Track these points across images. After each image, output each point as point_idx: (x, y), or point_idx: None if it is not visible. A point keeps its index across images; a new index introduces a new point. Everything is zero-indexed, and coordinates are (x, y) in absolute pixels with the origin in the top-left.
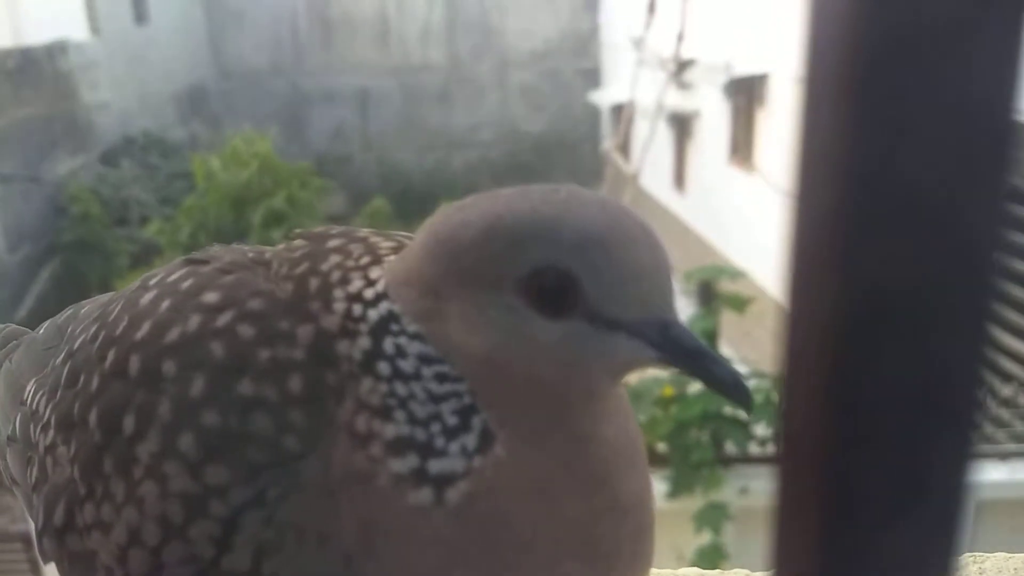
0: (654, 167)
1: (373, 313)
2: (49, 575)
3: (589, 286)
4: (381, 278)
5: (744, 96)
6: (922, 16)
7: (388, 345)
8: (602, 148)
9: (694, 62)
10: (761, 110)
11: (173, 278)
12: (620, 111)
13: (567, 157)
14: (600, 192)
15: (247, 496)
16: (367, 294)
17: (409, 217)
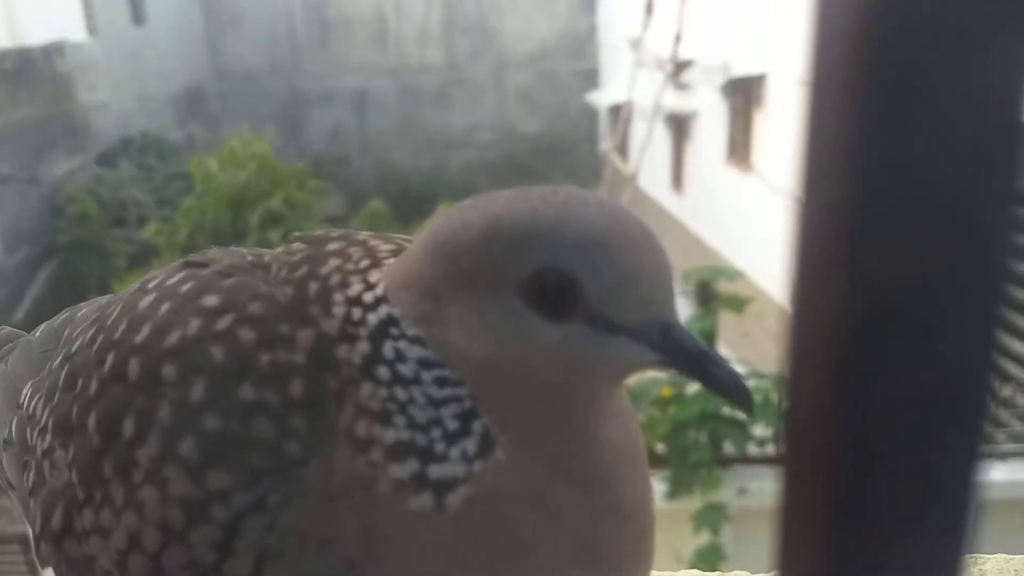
0: (652, 168)
1: (372, 317)
2: None
3: (590, 288)
4: (380, 281)
5: (742, 97)
6: (931, 10)
7: (388, 349)
8: (600, 149)
9: (692, 63)
10: (759, 110)
11: (172, 281)
12: (618, 112)
13: (565, 158)
14: (598, 193)
15: (248, 501)
16: (366, 298)
17: (407, 218)
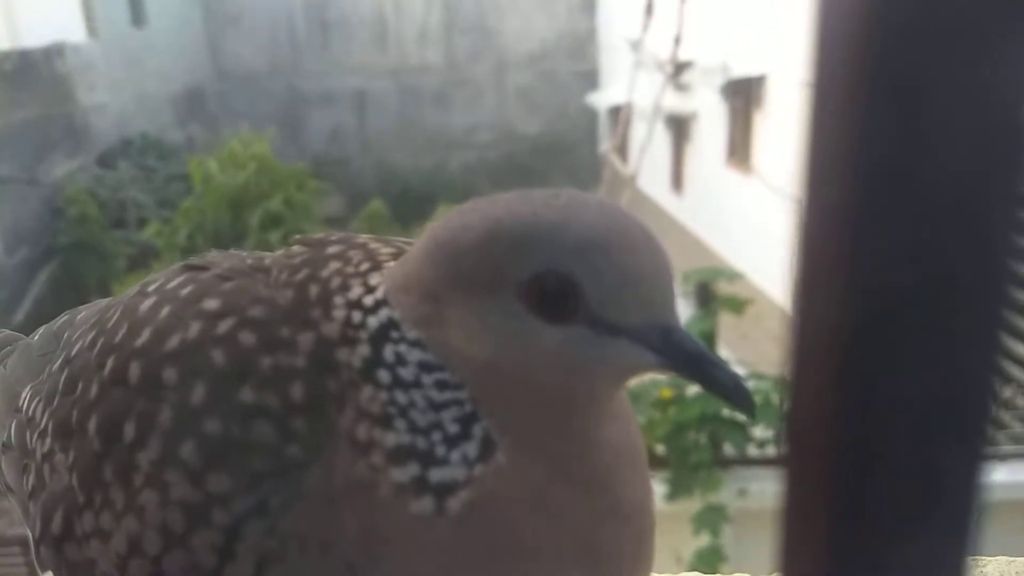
0: (652, 169)
1: (373, 320)
2: None
3: (590, 291)
4: (381, 284)
5: (741, 98)
6: (934, 12)
7: (388, 353)
8: (600, 150)
9: (692, 64)
10: (758, 112)
11: (172, 284)
12: (618, 113)
13: (565, 158)
14: (598, 194)
15: (249, 505)
16: (367, 301)
17: (407, 219)
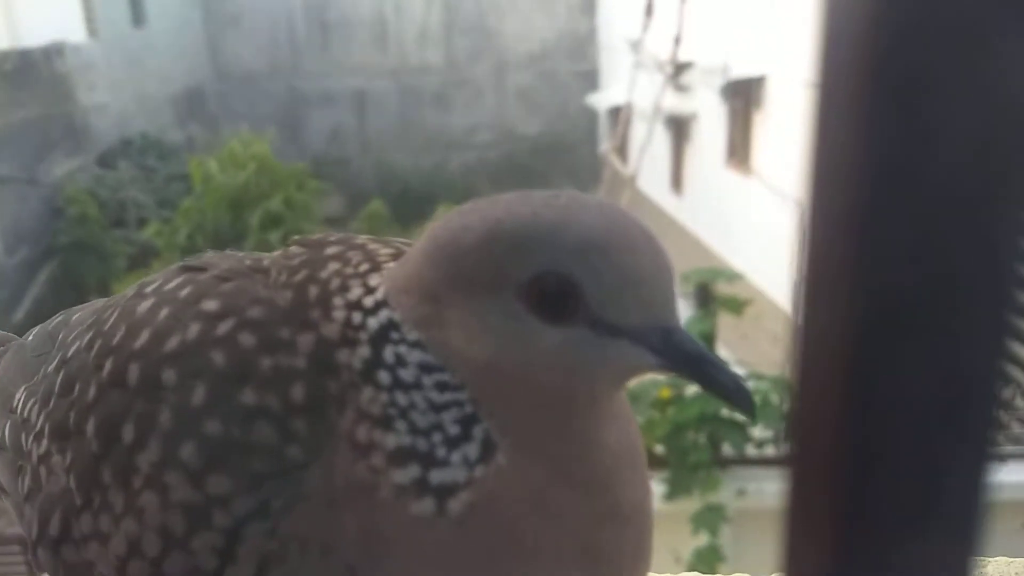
0: (651, 169)
1: (373, 321)
2: None
3: (590, 292)
4: (380, 285)
5: (741, 99)
6: (940, 11)
7: (388, 354)
8: (600, 150)
9: (691, 64)
10: (758, 112)
11: (171, 286)
12: (617, 113)
13: (565, 159)
14: (598, 194)
15: (250, 506)
16: (366, 302)
17: (407, 219)
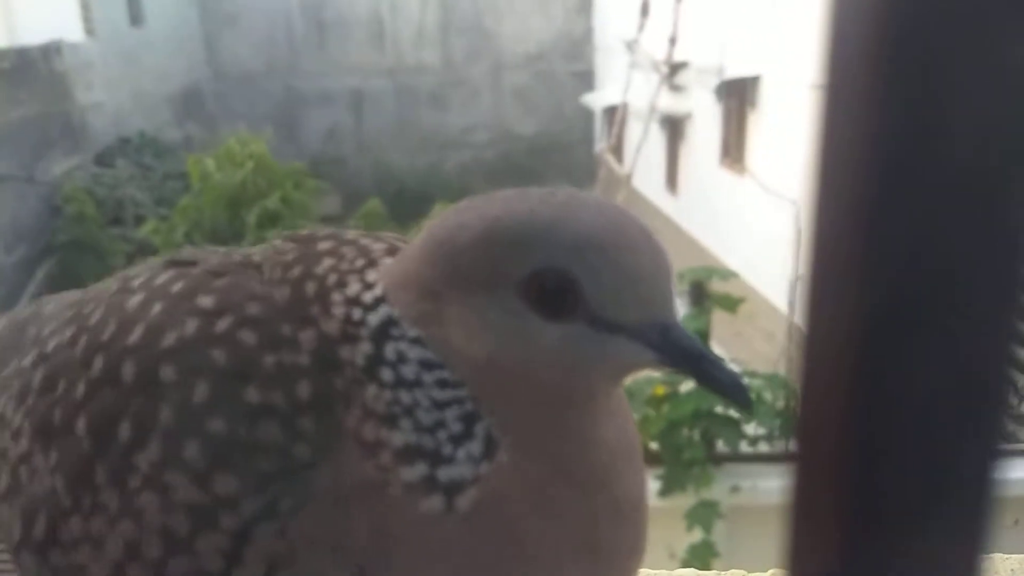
0: (647, 169)
1: (373, 318)
2: None
3: (589, 288)
4: (378, 282)
5: (736, 99)
6: (952, 1)
7: (389, 351)
8: (595, 150)
9: (686, 65)
10: (752, 112)
11: (161, 280)
12: (613, 113)
13: (561, 159)
14: (594, 194)
15: (257, 507)
16: (365, 298)
17: (403, 218)
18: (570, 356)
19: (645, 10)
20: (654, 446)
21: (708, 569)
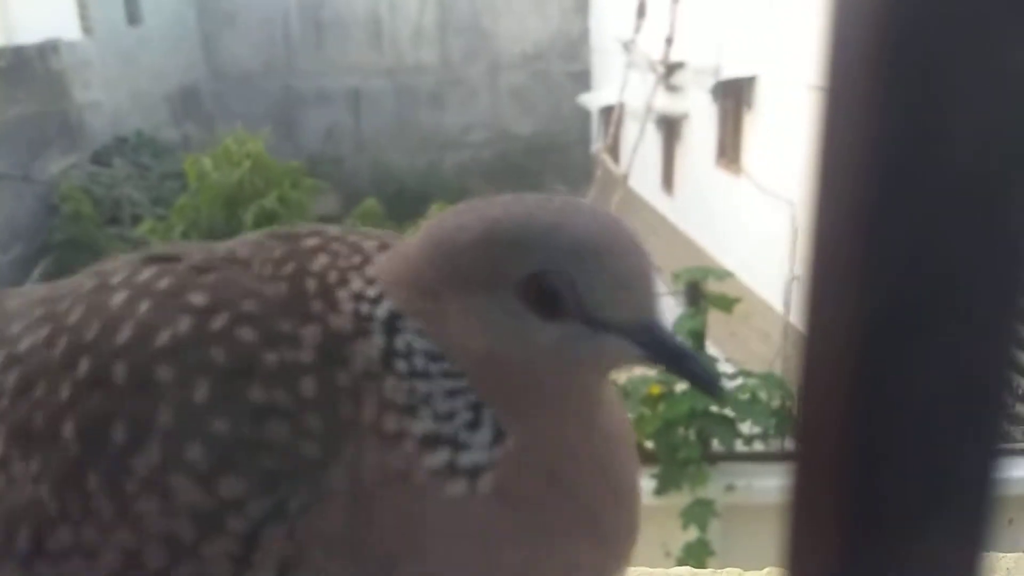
0: (643, 169)
1: (380, 312)
2: None
3: (584, 290)
4: (377, 278)
5: (732, 99)
6: (953, 2)
7: (400, 343)
8: (592, 150)
9: (683, 65)
10: (748, 113)
11: (144, 277)
12: (609, 113)
13: (557, 158)
14: (590, 194)
15: (266, 508)
16: (369, 293)
17: (401, 217)
18: (568, 353)
19: (642, 10)
20: (649, 445)
21: (703, 567)
